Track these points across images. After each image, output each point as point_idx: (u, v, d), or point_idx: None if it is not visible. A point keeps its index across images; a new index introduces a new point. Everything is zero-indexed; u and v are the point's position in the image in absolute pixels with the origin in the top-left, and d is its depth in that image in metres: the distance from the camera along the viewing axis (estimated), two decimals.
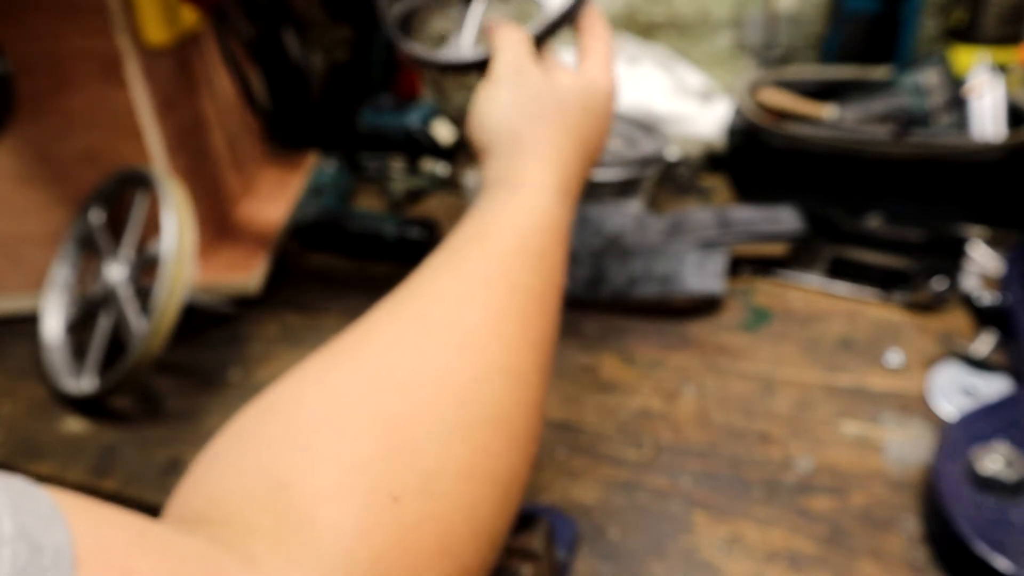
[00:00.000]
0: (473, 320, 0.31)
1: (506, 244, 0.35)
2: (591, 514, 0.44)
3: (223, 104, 0.71)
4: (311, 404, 0.27)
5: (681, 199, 0.76)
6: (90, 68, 0.56)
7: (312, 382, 0.29)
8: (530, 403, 0.31)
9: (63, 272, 0.60)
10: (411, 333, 0.30)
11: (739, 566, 0.41)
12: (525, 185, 0.38)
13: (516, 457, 0.29)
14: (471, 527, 0.26)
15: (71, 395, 0.55)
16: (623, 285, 0.61)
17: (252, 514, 0.23)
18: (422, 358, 0.29)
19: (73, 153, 0.59)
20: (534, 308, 0.34)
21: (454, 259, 0.34)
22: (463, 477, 0.27)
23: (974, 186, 0.64)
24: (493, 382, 0.30)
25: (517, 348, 0.32)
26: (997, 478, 0.40)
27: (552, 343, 0.35)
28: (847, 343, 0.56)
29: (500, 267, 0.34)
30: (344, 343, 0.30)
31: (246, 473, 0.25)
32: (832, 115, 0.70)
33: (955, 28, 0.78)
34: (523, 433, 0.30)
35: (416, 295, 0.33)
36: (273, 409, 0.28)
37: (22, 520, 0.17)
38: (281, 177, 0.80)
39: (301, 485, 0.24)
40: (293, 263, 0.70)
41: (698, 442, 0.49)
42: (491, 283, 0.33)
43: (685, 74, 0.83)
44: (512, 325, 0.32)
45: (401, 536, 0.24)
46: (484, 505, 0.27)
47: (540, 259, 0.36)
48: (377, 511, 0.24)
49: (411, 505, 0.25)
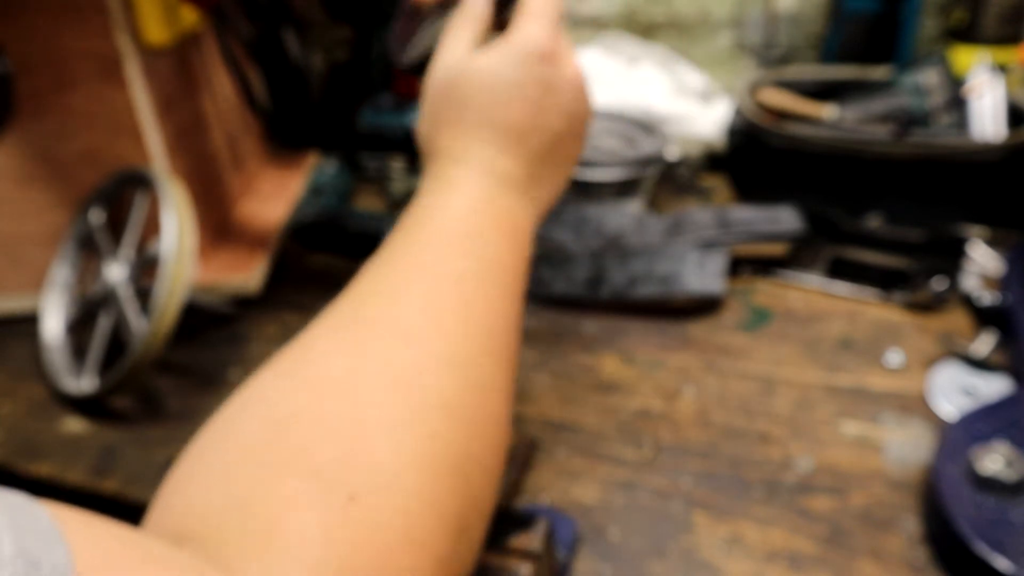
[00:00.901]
0: (408, 312, 0.32)
1: (438, 232, 0.35)
2: (591, 514, 0.44)
3: (223, 104, 0.71)
4: (262, 418, 0.28)
5: (681, 199, 0.76)
6: (90, 68, 0.56)
7: (257, 399, 0.29)
8: (481, 387, 0.31)
9: (63, 272, 0.60)
10: (348, 335, 0.31)
11: (739, 566, 0.41)
12: (445, 182, 0.38)
13: (472, 442, 0.30)
14: (435, 515, 0.27)
15: (71, 395, 0.55)
16: (623, 285, 0.61)
17: (222, 532, 0.24)
18: (360, 357, 0.30)
19: (73, 153, 0.59)
20: (474, 292, 0.34)
21: (391, 254, 0.35)
22: (417, 467, 0.27)
23: (974, 186, 0.64)
24: (435, 371, 0.30)
25: (458, 334, 0.32)
26: (997, 478, 0.40)
27: (505, 324, 0.34)
28: (847, 343, 0.56)
29: (429, 257, 0.34)
30: (285, 355, 0.31)
31: (208, 495, 0.26)
32: (832, 115, 0.70)
33: (955, 28, 0.78)
34: (477, 417, 0.30)
35: (352, 298, 0.34)
36: (227, 428, 0.29)
37: (22, 539, 0.17)
38: (281, 177, 0.80)
39: (261, 499, 0.25)
40: (293, 263, 0.70)
41: (698, 442, 0.49)
42: (422, 274, 0.33)
43: (685, 74, 0.83)
44: (450, 312, 0.32)
45: (366, 533, 0.25)
46: (444, 492, 0.27)
47: (473, 242, 0.35)
48: (337, 512, 0.25)
49: (369, 501, 0.25)
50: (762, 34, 0.87)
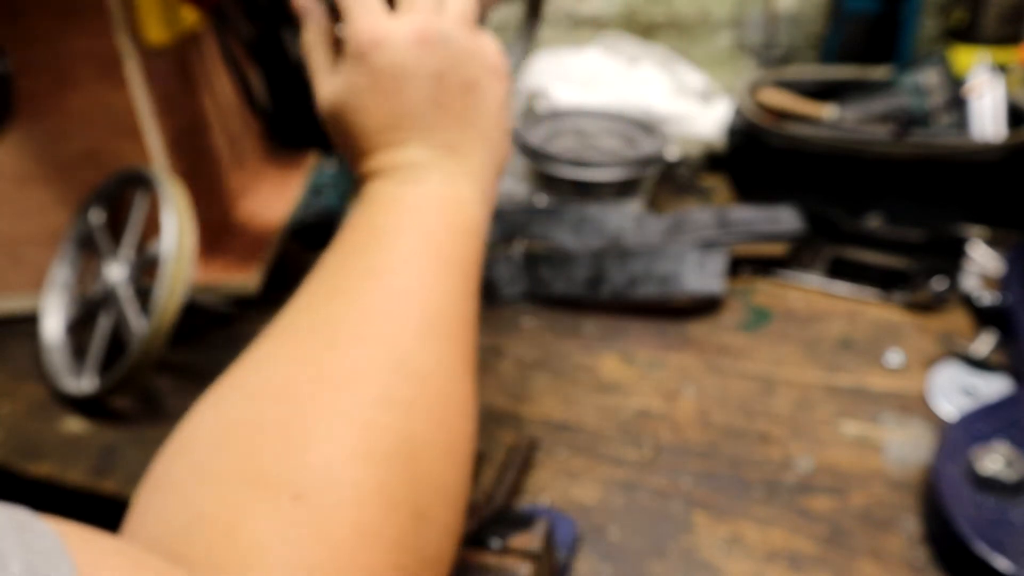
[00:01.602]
0: (338, 314, 0.33)
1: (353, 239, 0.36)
2: (591, 514, 0.44)
3: (223, 104, 0.71)
4: (206, 436, 0.29)
5: (681, 199, 0.76)
6: (90, 68, 0.56)
7: (206, 415, 0.31)
8: (424, 371, 0.32)
9: (63, 272, 0.60)
10: (287, 342, 0.33)
11: (739, 566, 0.41)
12: (368, 183, 0.39)
13: (419, 425, 0.30)
14: (382, 502, 0.27)
15: (71, 395, 0.55)
16: (623, 285, 0.61)
17: (190, 547, 0.25)
18: (296, 363, 0.31)
19: (73, 153, 0.59)
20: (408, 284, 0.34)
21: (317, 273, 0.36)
22: (357, 458, 0.27)
23: (974, 186, 0.64)
24: (367, 366, 0.31)
25: (389, 326, 0.32)
26: (997, 478, 0.40)
27: (444, 305, 0.34)
28: (847, 343, 0.56)
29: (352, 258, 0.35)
30: (235, 368, 0.33)
31: (167, 515, 0.27)
32: (832, 115, 0.70)
33: (955, 28, 0.78)
34: (422, 400, 0.31)
35: (290, 308, 0.35)
36: (177, 450, 0.30)
37: (29, 558, 0.17)
38: (281, 177, 0.80)
39: (216, 512, 0.25)
40: (293, 263, 0.70)
41: (698, 442, 0.49)
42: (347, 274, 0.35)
43: (685, 74, 0.83)
44: (379, 305, 0.33)
45: (316, 529, 0.25)
46: (389, 479, 0.28)
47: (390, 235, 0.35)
48: (285, 513, 0.25)
49: (314, 498, 0.26)
50: (762, 34, 0.87)
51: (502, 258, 0.63)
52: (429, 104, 0.38)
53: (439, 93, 0.38)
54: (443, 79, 0.38)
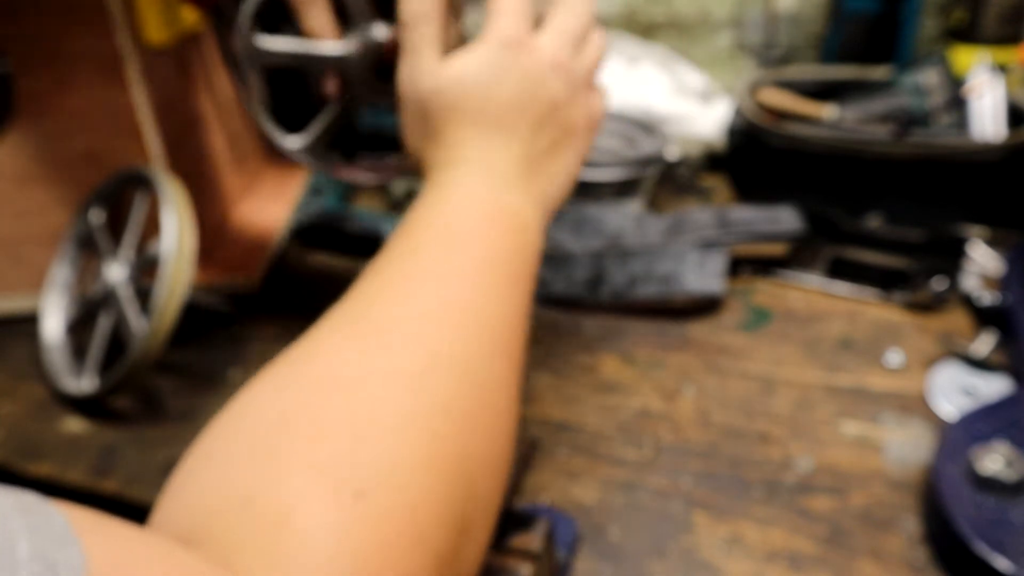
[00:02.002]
0: (412, 312, 0.32)
1: (434, 234, 0.36)
2: (591, 514, 0.44)
3: (223, 104, 0.71)
4: (267, 416, 0.28)
5: (681, 199, 0.76)
6: (90, 68, 0.56)
7: (267, 393, 0.30)
8: (485, 386, 0.32)
9: (63, 272, 0.60)
10: (354, 334, 0.32)
11: (739, 566, 0.41)
12: (442, 186, 0.39)
13: (475, 443, 0.30)
14: (437, 513, 0.27)
15: (71, 395, 0.55)
16: (623, 285, 0.61)
17: (230, 530, 0.24)
18: (365, 356, 0.30)
19: (73, 153, 0.59)
20: (477, 290, 0.34)
21: (388, 259, 0.36)
22: (422, 467, 0.27)
23: (974, 186, 0.64)
24: (439, 371, 0.30)
25: (462, 333, 0.32)
26: (997, 478, 0.40)
27: (510, 321, 0.35)
28: (847, 343, 0.56)
29: (431, 256, 0.35)
30: (294, 351, 0.32)
31: (216, 492, 0.26)
32: (832, 115, 0.70)
33: (955, 28, 0.78)
34: (480, 418, 0.31)
35: (356, 298, 0.34)
36: (232, 425, 0.29)
37: (37, 541, 0.17)
38: (281, 177, 0.80)
39: (271, 495, 0.25)
40: (293, 263, 0.70)
41: (698, 442, 0.49)
42: (424, 274, 0.34)
43: (685, 74, 0.83)
44: (454, 311, 0.33)
45: (372, 530, 0.25)
46: (447, 491, 0.28)
47: (473, 240, 0.36)
48: (345, 509, 0.25)
49: (376, 499, 0.25)
50: (762, 34, 0.87)
51: None
52: (537, 121, 0.40)
53: (548, 116, 0.40)
54: (556, 107, 0.40)
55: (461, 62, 0.40)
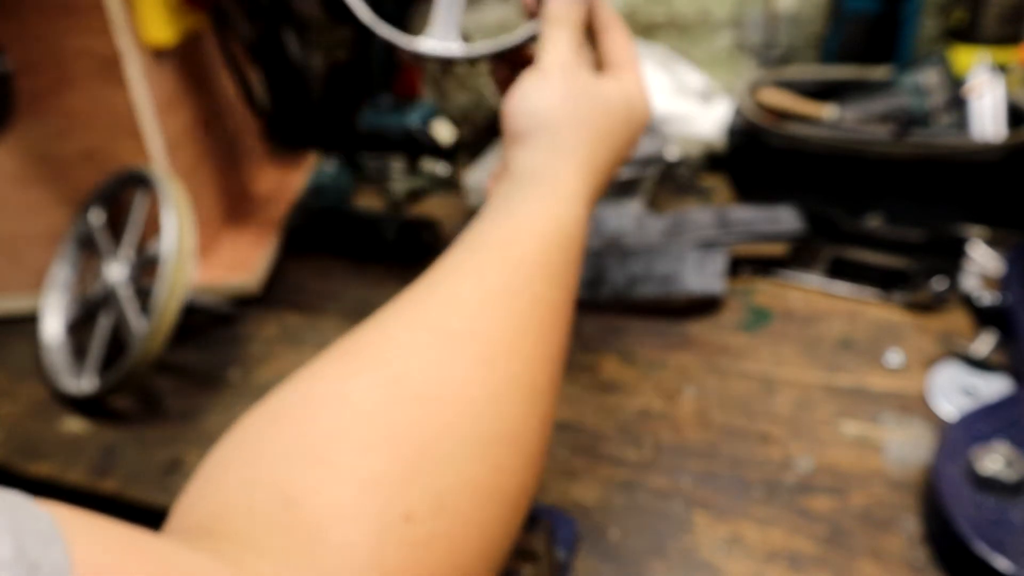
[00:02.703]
0: (493, 332, 0.30)
1: (531, 253, 0.33)
2: (591, 514, 0.44)
3: (223, 104, 0.71)
4: (323, 412, 0.26)
5: (681, 199, 0.76)
6: (90, 68, 0.56)
7: (324, 388, 0.27)
8: (543, 418, 0.30)
9: (63, 272, 0.60)
10: (429, 342, 0.29)
11: (739, 566, 0.41)
12: (558, 189, 0.37)
13: (527, 474, 0.29)
14: (480, 545, 0.26)
15: (71, 395, 0.55)
16: (623, 285, 0.61)
17: (258, 530, 0.23)
18: (440, 370, 0.28)
19: (73, 153, 0.59)
20: (552, 321, 0.33)
21: (475, 262, 0.33)
22: (476, 495, 0.26)
23: (974, 186, 0.64)
24: (509, 398, 0.29)
25: (534, 363, 0.31)
26: (997, 478, 0.40)
27: (565, 356, 0.34)
28: (847, 343, 0.56)
29: (523, 277, 0.32)
30: (358, 346, 0.29)
31: (252, 485, 0.24)
32: (832, 115, 0.70)
33: (955, 28, 0.78)
34: (536, 450, 0.29)
35: (435, 299, 0.31)
36: (282, 415, 0.27)
37: (20, 541, 0.17)
38: (281, 177, 0.80)
39: (312, 501, 0.23)
40: (293, 263, 0.70)
41: (698, 442, 0.49)
42: (513, 294, 0.32)
43: (685, 74, 0.83)
44: (531, 339, 0.31)
45: (413, 556, 0.24)
46: (494, 523, 0.27)
47: (562, 270, 0.34)
48: (390, 530, 0.23)
49: (424, 524, 0.24)
50: (762, 34, 0.87)
51: None
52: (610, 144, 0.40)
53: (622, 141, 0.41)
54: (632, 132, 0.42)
55: (616, 88, 0.41)
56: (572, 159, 0.38)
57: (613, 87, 0.41)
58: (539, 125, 0.38)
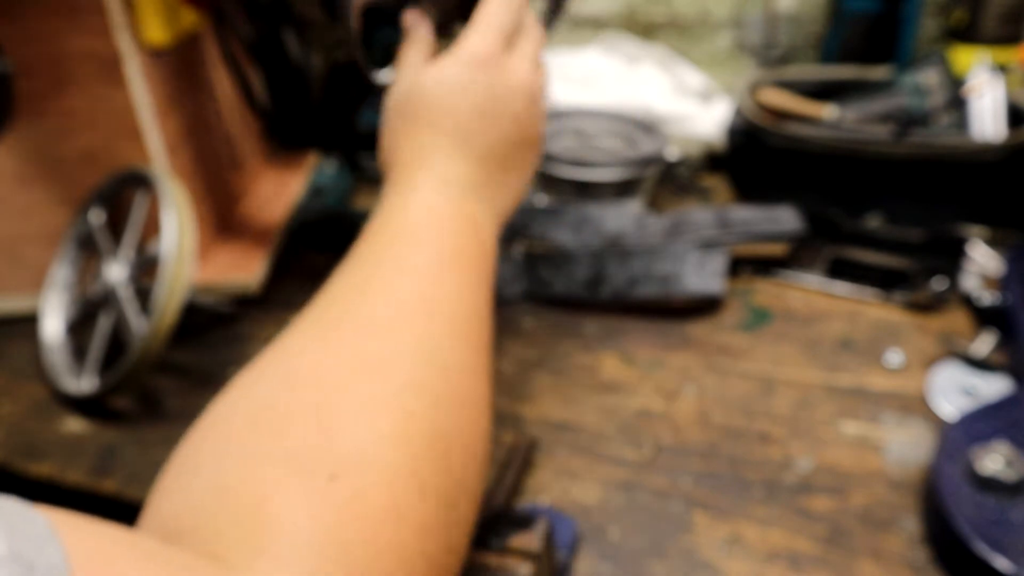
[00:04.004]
0: (373, 305, 0.34)
1: (394, 233, 0.38)
2: (591, 514, 0.44)
3: (223, 104, 0.71)
4: (239, 414, 0.30)
5: (681, 199, 0.76)
6: (90, 68, 0.56)
7: (237, 395, 0.31)
8: (451, 369, 0.33)
9: (63, 272, 0.60)
10: (319, 331, 0.34)
11: (739, 566, 0.41)
12: (403, 187, 0.40)
13: (448, 420, 0.31)
14: (415, 487, 0.28)
15: (71, 395, 0.55)
16: (623, 285, 0.61)
17: (211, 523, 0.25)
18: (329, 350, 0.32)
19: (73, 153, 0.59)
20: (435, 282, 0.36)
21: (352, 259, 0.38)
22: (394, 443, 0.28)
23: (974, 186, 0.64)
24: (403, 356, 0.32)
25: (423, 322, 0.34)
26: (997, 478, 0.40)
27: (470, 311, 0.37)
28: (847, 343, 0.56)
29: (390, 253, 0.37)
30: (263, 356, 0.33)
31: (196, 488, 0.27)
32: (832, 115, 0.70)
33: (955, 28, 0.78)
34: (450, 398, 0.32)
35: (322, 298, 0.36)
36: (211, 426, 0.30)
37: (15, 541, 0.17)
38: (281, 177, 0.80)
39: (245, 487, 0.26)
40: (293, 263, 0.70)
41: (698, 442, 0.49)
42: (384, 269, 0.36)
43: (685, 74, 0.83)
44: (414, 302, 0.34)
45: (349, 508, 0.26)
46: (423, 466, 0.29)
47: (431, 236, 0.38)
48: (319, 491, 0.26)
49: (350, 479, 0.26)
50: (762, 34, 0.87)
51: (502, 258, 0.63)
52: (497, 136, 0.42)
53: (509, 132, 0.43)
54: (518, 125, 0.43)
55: (433, 70, 0.42)
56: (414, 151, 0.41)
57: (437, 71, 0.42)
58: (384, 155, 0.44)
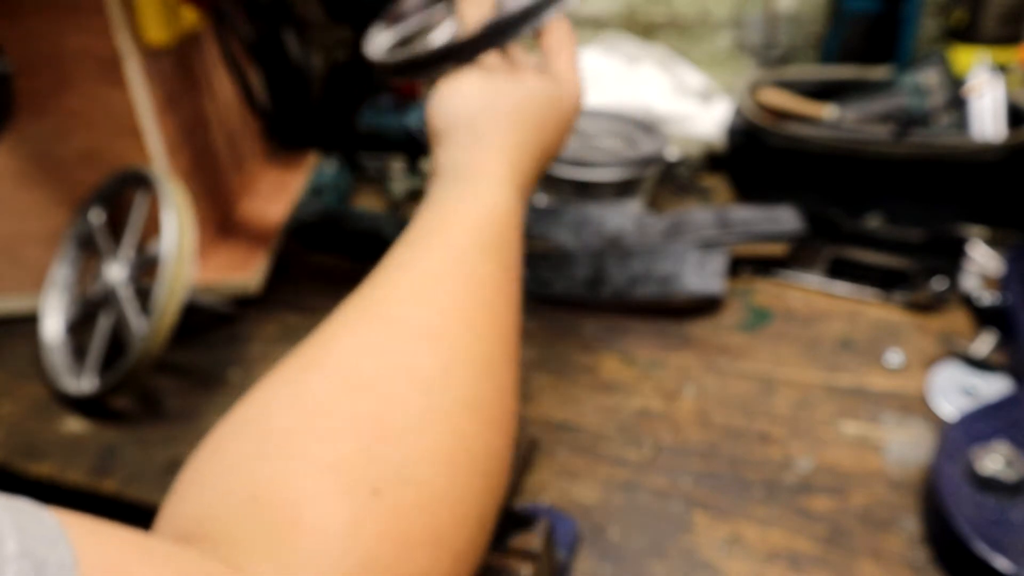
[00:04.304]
0: (435, 314, 0.32)
1: (464, 236, 0.35)
2: (591, 514, 0.44)
3: (223, 104, 0.71)
4: (282, 412, 0.28)
5: (681, 199, 0.76)
6: (90, 68, 0.56)
7: (281, 391, 0.29)
8: (499, 387, 0.32)
9: (63, 272, 0.60)
10: (375, 332, 0.31)
11: (739, 566, 0.41)
12: (481, 177, 0.38)
13: (492, 438, 0.30)
14: (455, 510, 0.27)
15: (71, 395, 0.55)
16: (623, 285, 0.61)
17: (236, 529, 0.24)
18: (387, 354, 0.30)
19: (73, 153, 0.59)
20: (495, 297, 0.34)
21: (413, 255, 0.35)
22: (440, 463, 0.27)
23: (974, 186, 0.64)
24: (461, 372, 0.30)
25: (482, 336, 0.32)
26: (997, 478, 0.40)
27: (516, 330, 0.35)
28: (847, 343, 0.56)
29: (459, 259, 0.34)
30: (309, 349, 0.31)
31: (224, 489, 0.25)
32: (832, 115, 0.70)
33: (955, 28, 0.78)
34: (498, 417, 0.31)
35: (378, 293, 0.33)
36: (245, 421, 0.28)
37: (26, 540, 0.17)
38: (281, 177, 0.80)
39: (281, 494, 0.24)
40: (293, 263, 0.70)
41: (698, 442, 0.49)
42: (451, 276, 0.34)
43: (685, 74, 0.83)
44: (475, 314, 0.33)
45: (387, 527, 0.25)
46: (465, 488, 0.28)
47: (498, 250, 0.36)
48: (360, 506, 0.25)
49: (392, 496, 0.25)
50: (762, 34, 0.87)
51: None
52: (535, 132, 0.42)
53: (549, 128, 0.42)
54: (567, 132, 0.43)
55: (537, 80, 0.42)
56: (493, 148, 0.40)
57: (534, 80, 0.42)
58: (457, 123, 0.41)
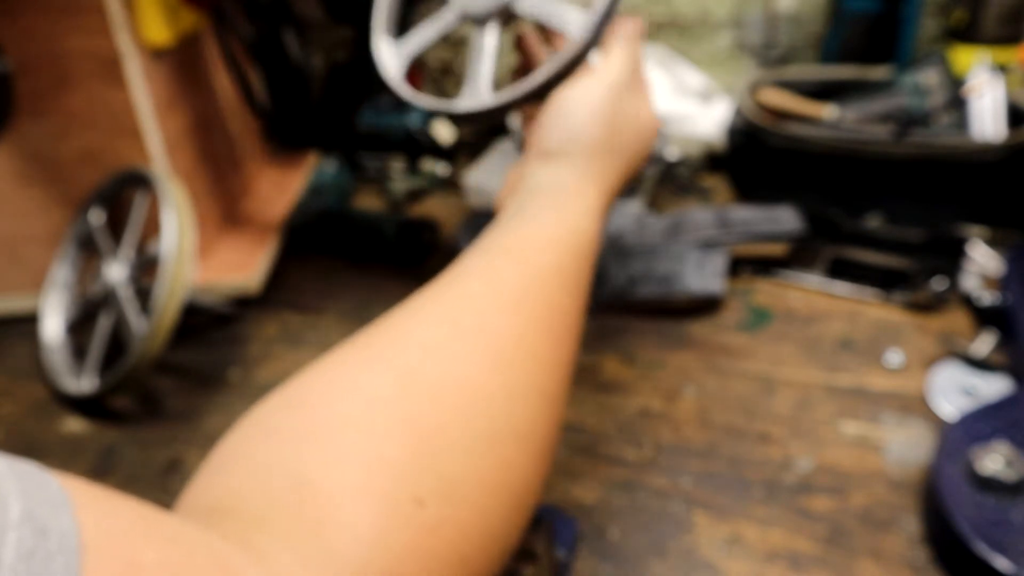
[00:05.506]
0: (507, 332, 0.31)
1: (547, 260, 0.34)
2: (591, 514, 0.44)
3: (223, 104, 0.71)
4: (339, 401, 0.27)
5: (681, 199, 0.76)
6: (90, 68, 0.56)
7: (340, 379, 0.28)
8: (552, 421, 0.31)
9: (63, 272, 0.60)
10: (443, 338, 0.30)
11: (739, 566, 0.41)
12: (579, 204, 0.38)
13: (534, 473, 0.29)
14: (486, 535, 0.26)
15: (71, 395, 0.55)
16: (623, 285, 0.61)
17: (268, 509, 0.23)
18: (454, 365, 0.29)
19: (73, 153, 0.59)
20: (565, 329, 0.33)
21: (492, 266, 0.33)
22: (484, 487, 0.27)
23: (974, 186, 0.64)
24: (523, 398, 0.29)
25: (548, 368, 0.31)
26: (997, 478, 0.40)
27: (573, 364, 0.34)
28: (847, 343, 0.56)
29: (539, 283, 0.33)
30: (374, 340, 0.30)
31: (266, 466, 0.25)
32: (832, 115, 0.70)
33: (955, 28, 0.78)
34: (544, 450, 0.30)
35: (450, 297, 0.32)
36: (298, 402, 0.27)
37: (29, 505, 0.17)
38: (281, 177, 0.80)
39: (322, 483, 0.24)
40: (293, 263, 0.70)
41: (698, 442, 0.49)
42: (528, 299, 0.32)
43: (685, 74, 0.83)
44: (545, 344, 0.32)
45: (419, 540, 0.24)
46: (500, 517, 0.27)
47: (575, 281, 0.35)
48: (398, 512, 0.24)
49: (432, 509, 0.25)
50: (762, 34, 0.87)
51: None
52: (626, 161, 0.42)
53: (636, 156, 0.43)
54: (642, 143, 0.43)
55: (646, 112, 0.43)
56: (599, 177, 0.39)
57: (646, 112, 0.43)
58: (574, 149, 0.40)
